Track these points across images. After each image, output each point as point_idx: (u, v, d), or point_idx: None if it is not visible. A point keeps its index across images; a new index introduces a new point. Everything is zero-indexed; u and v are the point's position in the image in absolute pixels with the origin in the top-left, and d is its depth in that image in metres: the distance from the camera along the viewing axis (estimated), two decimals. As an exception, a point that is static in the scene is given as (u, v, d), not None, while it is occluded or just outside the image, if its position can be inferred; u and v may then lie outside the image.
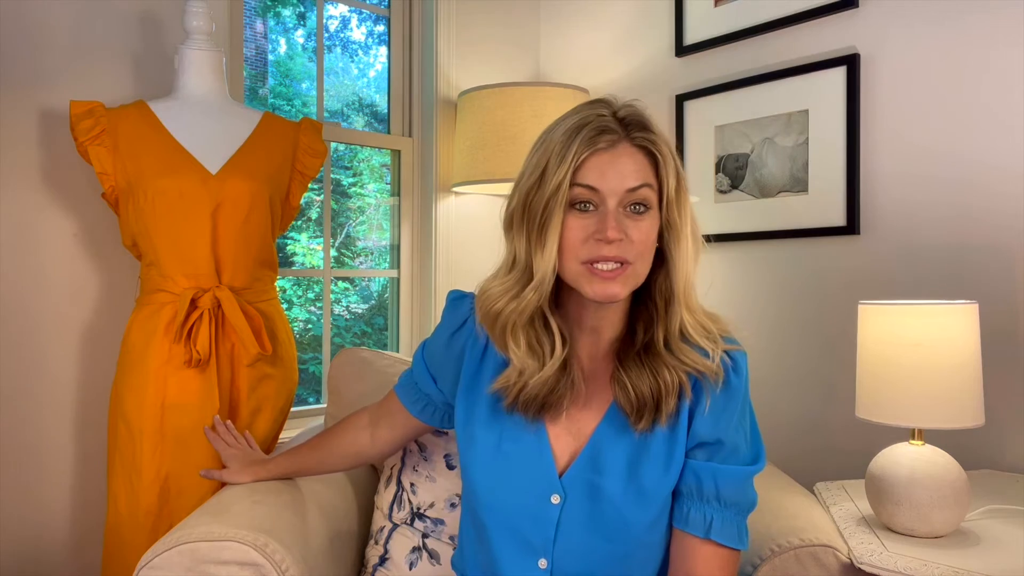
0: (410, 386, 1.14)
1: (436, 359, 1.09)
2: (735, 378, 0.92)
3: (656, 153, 0.88)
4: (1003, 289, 1.47)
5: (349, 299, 2.60)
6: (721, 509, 0.90)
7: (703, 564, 0.90)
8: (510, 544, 0.93)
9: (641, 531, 0.91)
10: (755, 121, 1.86)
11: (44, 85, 1.55)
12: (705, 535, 0.89)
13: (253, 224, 1.49)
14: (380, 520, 1.35)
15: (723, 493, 0.90)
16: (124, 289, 1.62)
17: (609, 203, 0.85)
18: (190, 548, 1.04)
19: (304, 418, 1.99)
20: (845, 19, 1.70)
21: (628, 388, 0.90)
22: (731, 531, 0.91)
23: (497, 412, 0.96)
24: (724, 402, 0.91)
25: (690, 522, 0.90)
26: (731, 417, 0.92)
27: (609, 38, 2.24)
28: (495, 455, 0.95)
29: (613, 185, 0.85)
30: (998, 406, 1.42)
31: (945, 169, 1.56)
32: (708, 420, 0.91)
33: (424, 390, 1.12)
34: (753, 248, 1.87)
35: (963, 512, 1.11)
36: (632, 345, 0.93)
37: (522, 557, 0.92)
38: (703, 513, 0.90)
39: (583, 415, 0.95)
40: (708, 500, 0.90)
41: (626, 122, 0.88)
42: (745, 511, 0.93)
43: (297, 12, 2.42)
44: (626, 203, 0.86)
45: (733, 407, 0.92)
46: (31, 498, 1.55)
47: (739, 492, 0.92)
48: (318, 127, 1.65)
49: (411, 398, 1.14)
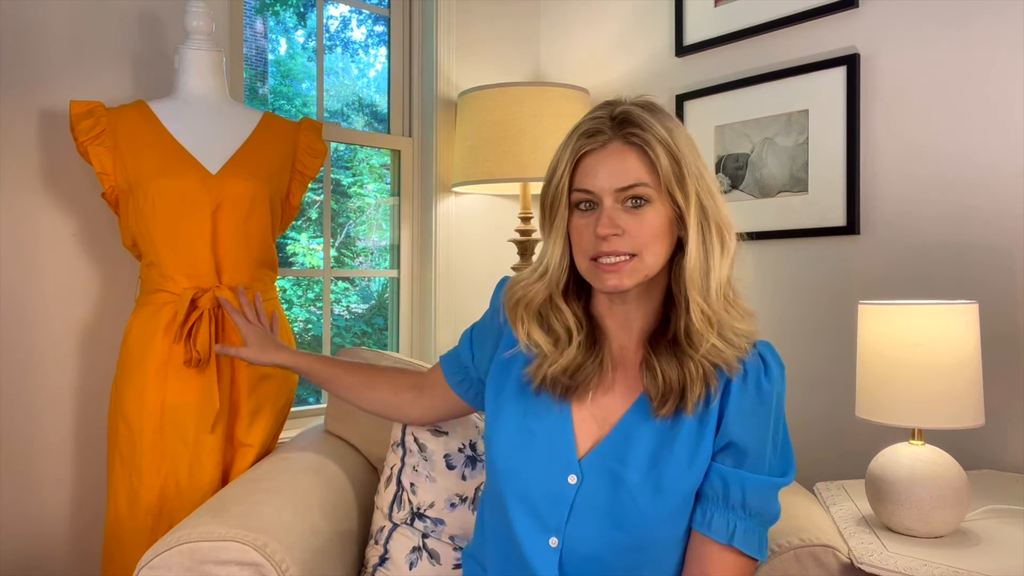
0: (453, 358, 1.19)
1: (480, 336, 1.14)
2: (767, 382, 0.92)
3: (647, 149, 0.89)
4: (1003, 289, 1.47)
5: (349, 299, 2.60)
6: (746, 518, 0.90)
7: (721, 570, 0.89)
8: (525, 519, 0.94)
9: (656, 524, 0.90)
10: (755, 121, 1.86)
11: (44, 85, 1.55)
12: (728, 542, 0.89)
13: (253, 224, 1.49)
14: (380, 520, 1.35)
15: (749, 502, 0.90)
16: (124, 289, 1.62)
17: (605, 201, 0.89)
18: (190, 548, 1.04)
19: (304, 418, 1.99)
20: (845, 19, 1.70)
21: (657, 374, 0.91)
22: (753, 541, 0.90)
23: (526, 391, 0.99)
24: (755, 404, 0.91)
25: (713, 527, 0.90)
26: (762, 423, 0.91)
27: (609, 38, 2.24)
28: (519, 430, 0.97)
29: (604, 185, 0.89)
30: (998, 406, 1.42)
31: (945, 169, 1.56)
32: (737, 421, 0.91)
33: (463, 362, 1.16)
34: (753, 248, 1.86)
35: (963, 512, 1.11)
36: (664, 335, 0.94)
37: (536, 532, 0.93)
38: (727, 520, 0.89)
39: (610, 402, 0.96)
40: (733, 507, 0.90)
41: (618, 120, 0.91)
42: (768, 522, 0.92)
43: (297, 12, 2.42)
44: (622, 199, 0.89)
45: (765, 412, 0.91)
46: (31, 497, 1.55)
47: (765, 503, 0.91)
48: (318, 127, 1.65)
49: (452, 369, 1.18)
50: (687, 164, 0.89)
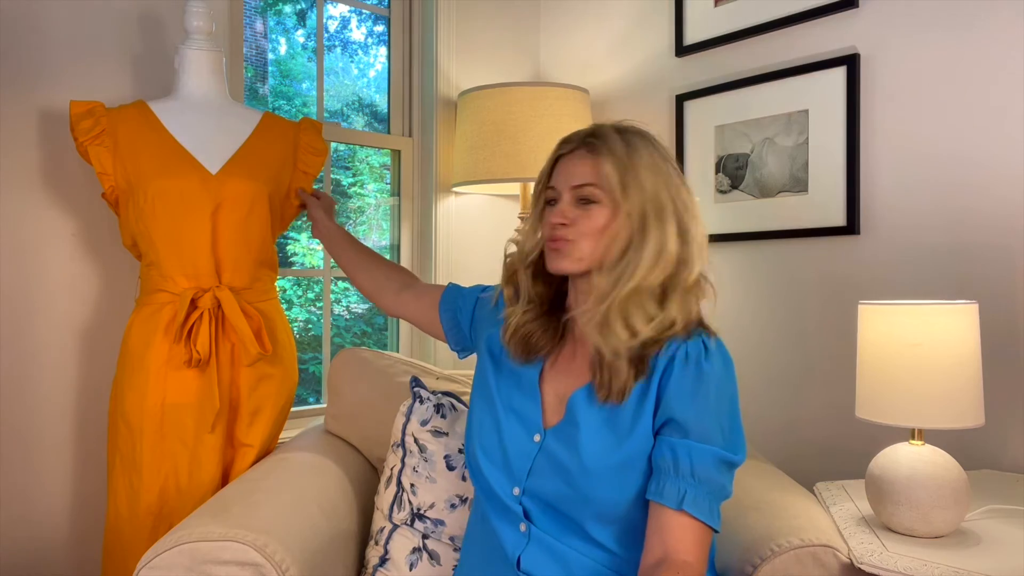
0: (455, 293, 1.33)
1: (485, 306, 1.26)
2: (707, 364, 1.00)
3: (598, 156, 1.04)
4: (1003, 289, 1.47)
5: (349, 299, 2.60)
6: (695, 485, 0.96)
7: (679, 535, 0.94)
8: (499, 470, 1.08)
9: (596, 483, 1.00)
10: (755, 121, 1.86)
11: (44, 85, 1.55)
12: (678, 507, 0.95)
13: (253, 224, 1.49)
14: (380, 520, 1.35)
15: (697, 469, 0.96)
16: (124, 289, 1.62)
17: (564, 197, 1.06)
18: (190, 548, 1.04)
19: (304, 418, 1.99)
20: (845, 19, 1.70)
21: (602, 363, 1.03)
22: (703, 506, 0.95)
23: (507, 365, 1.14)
24: (694, 382, 0.99)
25: (664, 494, 0.96)
26: (703, 401, 0.99)
27: (609, 38, 2.24)
28: (497, 393, 1.14)
29: (562, 182, 1.06)
30: (998, 406, 1.42)
31: (945, 169, 1.56)
32: (678, 397, 0.99)
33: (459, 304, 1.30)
34: (753, 248, 1.87)
35: (963, 512, 1.12)
36: None
37: (506, 481, 1.08)
38: (677, 487, 0.96)
39: (569, 380, 1.09)
40: (683, 475, 0.96)
41: (588, 133, 1.07)
42: (718, 493, 0.98)
43: (297, 12, 2.42)
44: (575, 197, 1.05)
45: (704, 391, 0.99)
46: (31, 497, 1.55)
47: (712, 471, 0.97)
48: (318, 127, 1.65)
49: (449, 299, 1.32)
50: (637, 178, 1.02)
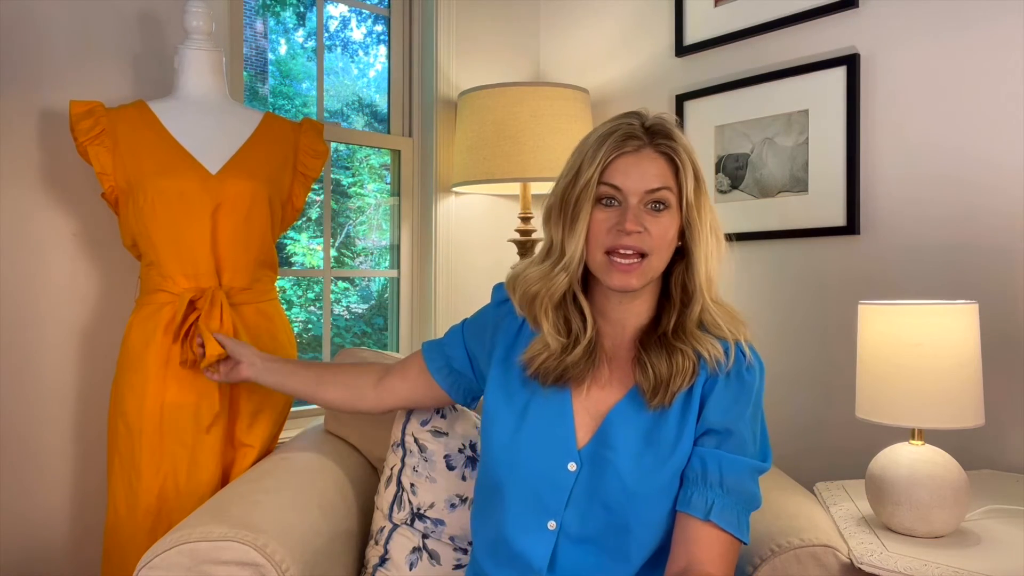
0: (436, 348, 1.23)
1: (475, 331, 1.18)
2: (748, 375, 1.00)
3: (676, 159, 0.99)
4: (1003, 289, 1.47)
5: (349, 299, 2.60)
6: (723, 495, 0.95)
7: (704, 546, 0.93)
8: (525, 504, 1.00)
9: (641, 505, 0.96)
10: (755, 121, 1.86)
11: (44, 85, 1.54)
12: (705, 517, 0.93)
13: (253, 224, 1.49)
14: (380, 520, 1.35)
15: (727, 480, 0.95)
16: (124, 289, 1.62)
17: (631, 200, 0.97)
18: (190, 548, 1.04)
19: (304, 418, 2.00)
20: (845, 19, 1.70)
21: (648, 368, 0.99)
22: (731, 517, 0.94)
23: (528, 383, 1.05)
24: (736, 393, 0.99)
25: (692, 504, 0.95)
26: (742, 410, 0.98)
27: (609, 38, 2.24)
28: (522, 420, 1.04)
29: (635, 185, 0.97)
30: (998, 406, 1.42)
31: (945, 169, 1.56)
32: (719, 408, 0.98)
33: (447, 353, 1.21)
34: (753, 248, 1.87)
35: (963, 512, 1.11)
36: (654, 332, 1.03)
37: (534, 517, 1.00)
38: (705, 497, 0.95)
39: (603, 396, 1.03)
40: (711, 485, 0.95)
41: (652, 131, 1.00)
42: (747, 503, 0.97)
43: (297, 12, 2.42)
44: (646, 201, 0.98)
45: (745, 400, 0.99)
46: (31, 497, 1.55)
47: (743, 482, 0.96)
48: (319, 128, 1.65)
49: (433, 357, 1.23)
50: (703, 179, 1.00)
